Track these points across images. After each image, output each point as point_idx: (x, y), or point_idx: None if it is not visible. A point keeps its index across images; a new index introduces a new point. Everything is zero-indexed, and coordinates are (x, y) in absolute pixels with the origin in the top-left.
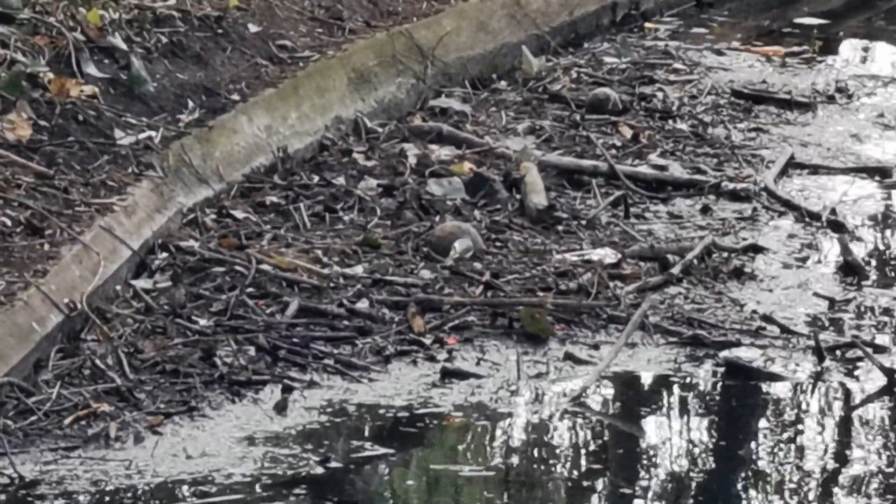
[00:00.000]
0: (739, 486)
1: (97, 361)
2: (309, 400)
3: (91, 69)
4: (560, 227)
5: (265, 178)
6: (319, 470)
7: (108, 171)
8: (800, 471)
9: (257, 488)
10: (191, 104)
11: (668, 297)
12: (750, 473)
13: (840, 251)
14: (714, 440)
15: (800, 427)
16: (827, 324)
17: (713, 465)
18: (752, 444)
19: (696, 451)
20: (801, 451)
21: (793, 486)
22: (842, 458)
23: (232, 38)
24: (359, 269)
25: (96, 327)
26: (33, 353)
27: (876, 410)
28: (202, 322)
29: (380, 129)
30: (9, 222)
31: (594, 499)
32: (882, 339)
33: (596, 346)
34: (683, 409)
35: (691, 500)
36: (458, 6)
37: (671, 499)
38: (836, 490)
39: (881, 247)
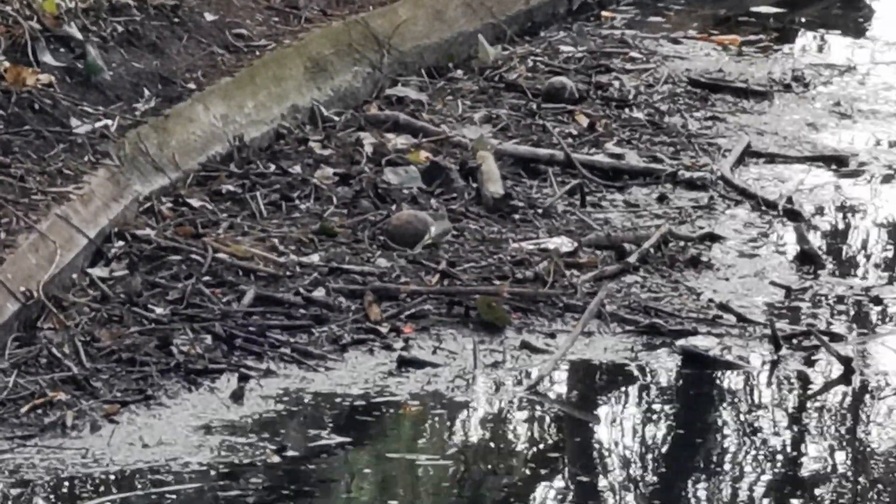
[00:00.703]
0: (696, 474)
1: (54, 350)
2: (265, 388)
3: (47, 58)
4: (516, 216)
5: (221, 166)
6: (276, 458)
7: (64, 159)
8: (756, 459)
9: (213, 476)
10: (147, 93)
11: (624, 286)
12: (707, 462)
13: (796, 240)
14: (671, 428)
15: (756, 415)
16: (783, 312)
17: (670, 454)
18: (709, 433)
19: (653, 439)
20: (757, 439)
21: (750, 473)
22: (798, 446)
23: (188, 26)
24: (315, 258)
25: (53, 316)
26: None
27: (832, 398)
28: (158, 310)
29: (336, 118)
30: None
31: (551, 487)
32: (838, 328)
33: (552, 335)
34: (640, 398)
35: (649, 488)
36: None
37: (628, 487)
38: (793, 478)
39: (837, 235)
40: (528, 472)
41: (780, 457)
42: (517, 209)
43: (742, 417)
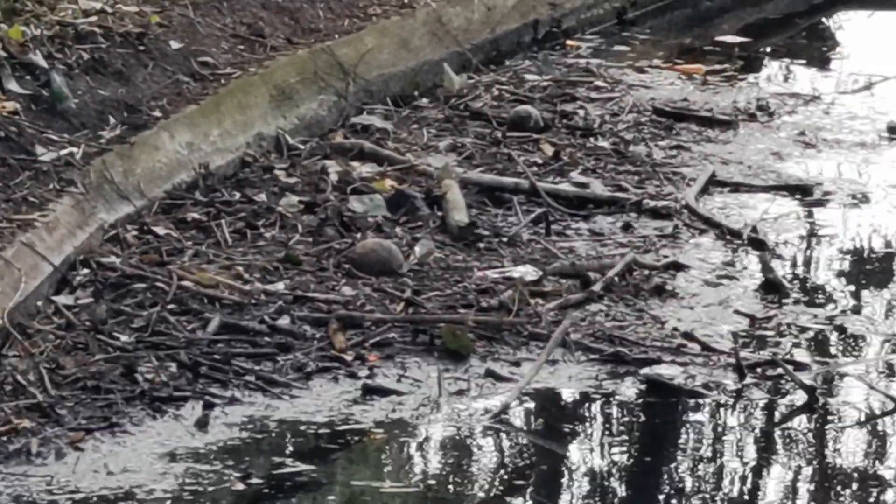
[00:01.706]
0: (661, 503)
1: (18, 377)
2: (230, 416)
3: (12, 85)
4: (481, 245)
5: (187, 194)
6: (240, 486)
7: (29, 187)
8: (720, 487)
9: None
10: (112, 120)
11: (589, 315)
12: (671, 490)
13: (761, 269)
14: (635, 457)
15: (721, 444)
16: (748, 341)
17: (634, 483)
18: (674, 461)
19: (618, 467)
20: (722, 467)
21: (714, 501)
22: (762, 475)
23: (154, 54)
24: (280, 286)
25: (17, 343)
26: None
27: (796, 427)
28: (123, 338)
29: (301, 146)
30: None
31: None
32: (802, 357)
33: (517, 363)
34: (605, 426)
35: None
36: (379, 23)
37: None
38: None
39: (802, 264)
40: (492, 500)
41: (743, 485)
42: (482, 238)
43: (706, 446)
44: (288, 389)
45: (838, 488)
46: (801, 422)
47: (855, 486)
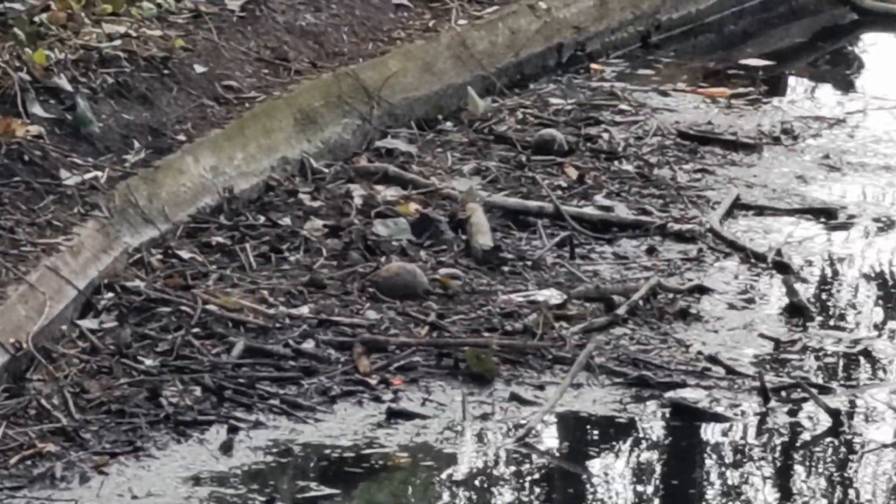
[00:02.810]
0: None
1: (43, 401)
2: (255, 440)
3: (37, 109)
4: (506, 268)
5: (211, 218)
6: None
7: (53, 211)
8: None
9: None
10: (137, 144)
11: (613, 338)
12: None
13: (785, 292)
14: (659, 481)
15: (745, 468)
16: (772, 365)
17: None
18: (699, 485)
19: (642, 491)
20: (746, 491)
21: None
22: (787, 499)
23: (178, 78)
24: (305, 310)
25: (42, 367)
26: None
27: (821, 451)
28: (148, 362)
29: (326, 170)
30: None
31: None
32: (827, 381)
33: (541, 387)
34: (629, 450)
35: None
36: (403, 47)
37: None
38: None
39: (826, 288)
40: None
41: None
42: (506, 261)
43: (731, 469)
44: (312, 413)
45: None
46: (825, 446)
47: None
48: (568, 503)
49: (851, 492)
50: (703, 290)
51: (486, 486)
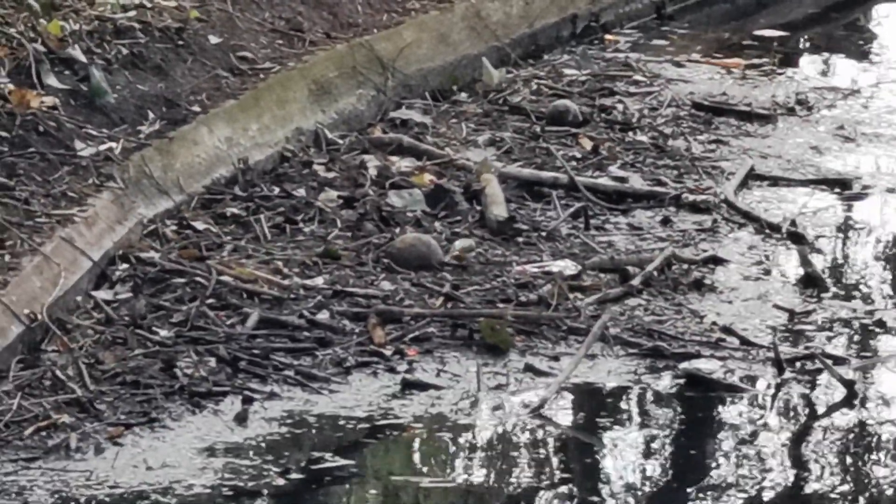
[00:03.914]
0: (701, 499)
1: (58, 372)
2: (269, 411)
3: (52, 80)
4: (520, 239)
5: (226, 189)
6: (280, 481)
7: (68, 182)
8: (759, 483)
9: (218, 499)
10: (151, 115)
11: (628, 309)
12: (710, 485)
13: (800, 263)
14: (674, 451)
15: (759, 439)
16: (787, 335)
17: (673, 477)
18: (713, 456)
19: (657, 462)
20: (761, 462)
21: (753, 498)
22: (802, 470)
23: (192, 49)
24: (319, 281)
25: (57, 338)
26: None
27: (835, 422)
28: (163, 333)
29: (340, 141)
30: None
31: None
32: (841, 351)
33: (556, 358)
34: (643, 421)
35: None
36: (418, 18)
37: None
38: (796, 502)
39: (841, 259)
40: (531, 494)
41: (783, 481)
42: (521, 232)
43: (745, 440)
44: (327, 384)
45: (879, 484)
46: (840, 416)
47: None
48: (582, 473)
49: (865, 462)
50: (717, 260)
51: (500, 456)
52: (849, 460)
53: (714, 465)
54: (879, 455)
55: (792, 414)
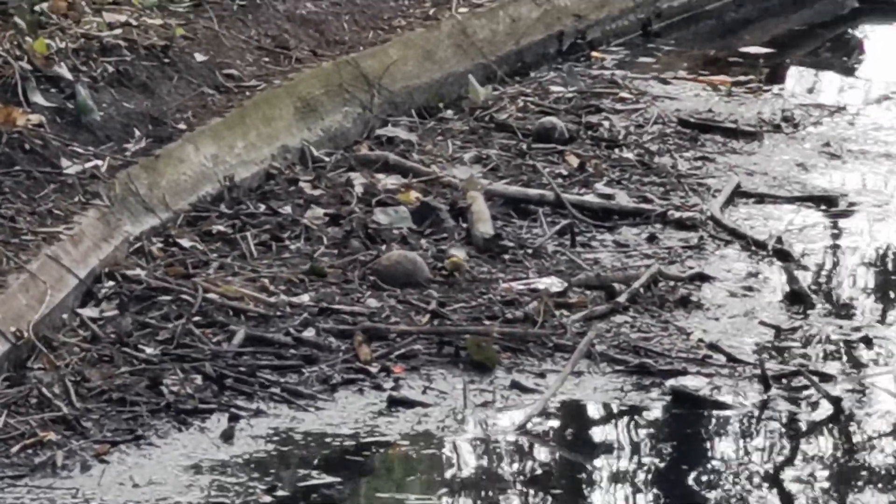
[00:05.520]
0: None
1: (44, 390)
2: (255, 428)
3: (37, 98)
4: (506, 256)
5: (212, 206)
6: (266, 499)
7: (54, 199)
8: (746, 500)
9: None
10: (137, 133)
11: (614, 326)
12: (696, 502)
13: (786, 280)
14: (661, 469)
15: (746, 455)
16: (773, 352)
17: (660, 494)
18: (699, 473)
19: (643, 479)
20: (747, 479)
21: None
22: (788, 487)
23: (178, 67)
24: (305, 298)
25: (43, 356)
26: None
27: (822, 439)
28: (149, 350)
29: (326, 158)
30: None
31: None
32: (828, 368)
33: (542, 375)
34: (630, 438)
35: None
36: (404, 35)
37: None
38: None
39: (827, 275)
40: None
41: (769, 496)
42: (507, 249)
43: (732, 457)
44: (313, 401)
45: (865, 501)
46: (827, 433)
47: (882, 497)
48: (569, 491)
49: (851, 479)
50: (703, 277)
51: (487, 474)
52: (834, 476)
53: (701, 482)
54: (866, 472)
55: (778, 430)
